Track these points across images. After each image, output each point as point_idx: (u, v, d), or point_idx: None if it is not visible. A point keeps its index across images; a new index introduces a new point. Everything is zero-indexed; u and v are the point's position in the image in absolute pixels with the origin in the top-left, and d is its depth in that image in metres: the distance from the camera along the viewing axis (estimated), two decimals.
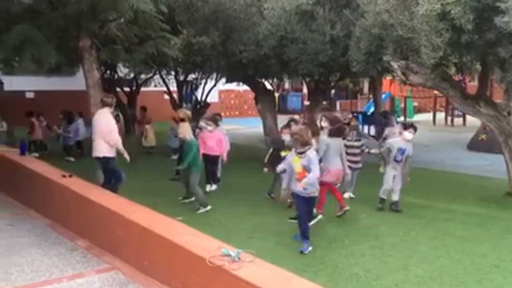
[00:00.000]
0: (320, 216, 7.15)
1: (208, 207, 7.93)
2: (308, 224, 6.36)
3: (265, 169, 8.45)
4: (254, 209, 8.05)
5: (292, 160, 6.19)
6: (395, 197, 8.06)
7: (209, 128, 9.16)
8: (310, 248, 6.13)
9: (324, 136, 7.55)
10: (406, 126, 8.24)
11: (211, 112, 16.04)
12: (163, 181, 10.16)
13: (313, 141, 6.81)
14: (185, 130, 8.07)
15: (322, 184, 6.91)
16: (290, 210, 7.45)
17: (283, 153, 7.71)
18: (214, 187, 9.41)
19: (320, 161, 6.79)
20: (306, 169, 5.98)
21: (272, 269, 4.31)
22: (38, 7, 7.35)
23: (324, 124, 7.70)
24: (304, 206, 6.24)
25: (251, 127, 18.11)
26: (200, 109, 16.16)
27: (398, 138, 8.19)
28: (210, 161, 9.19)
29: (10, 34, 7.42)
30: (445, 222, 7.57)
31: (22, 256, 5.88)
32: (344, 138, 8.24)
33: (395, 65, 8.54)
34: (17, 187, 8.36)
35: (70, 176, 7.43)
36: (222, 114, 12.52)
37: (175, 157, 12.56)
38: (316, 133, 7.58)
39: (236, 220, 7.48)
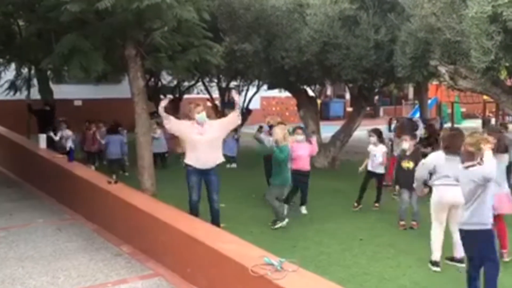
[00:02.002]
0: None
1: (285, 221, 7.31)
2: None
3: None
4: (297, 219, 7.93)
5: None
6: None
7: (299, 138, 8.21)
8: None
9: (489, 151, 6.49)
10: None
11: (253, 119, 16.19)
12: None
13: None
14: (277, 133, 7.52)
15: (494, 217, 5.49)
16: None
17: (405, 164, 7.37)
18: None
19: None
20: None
21: (315, 279, 4.22)
22: (85, 17, 7.54)
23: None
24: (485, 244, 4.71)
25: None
26: (242, 116, 16.18)
27: None
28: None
29: (60, 43, 7.66)
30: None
31: (69, 260, 6.02)
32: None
33: (442, 69, 8.25)
34: (65, 192, 8.60)
35: (116, 182, 7.57)
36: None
37: (231, 165, 12.53)
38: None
39: (278, 229, 7.39)
